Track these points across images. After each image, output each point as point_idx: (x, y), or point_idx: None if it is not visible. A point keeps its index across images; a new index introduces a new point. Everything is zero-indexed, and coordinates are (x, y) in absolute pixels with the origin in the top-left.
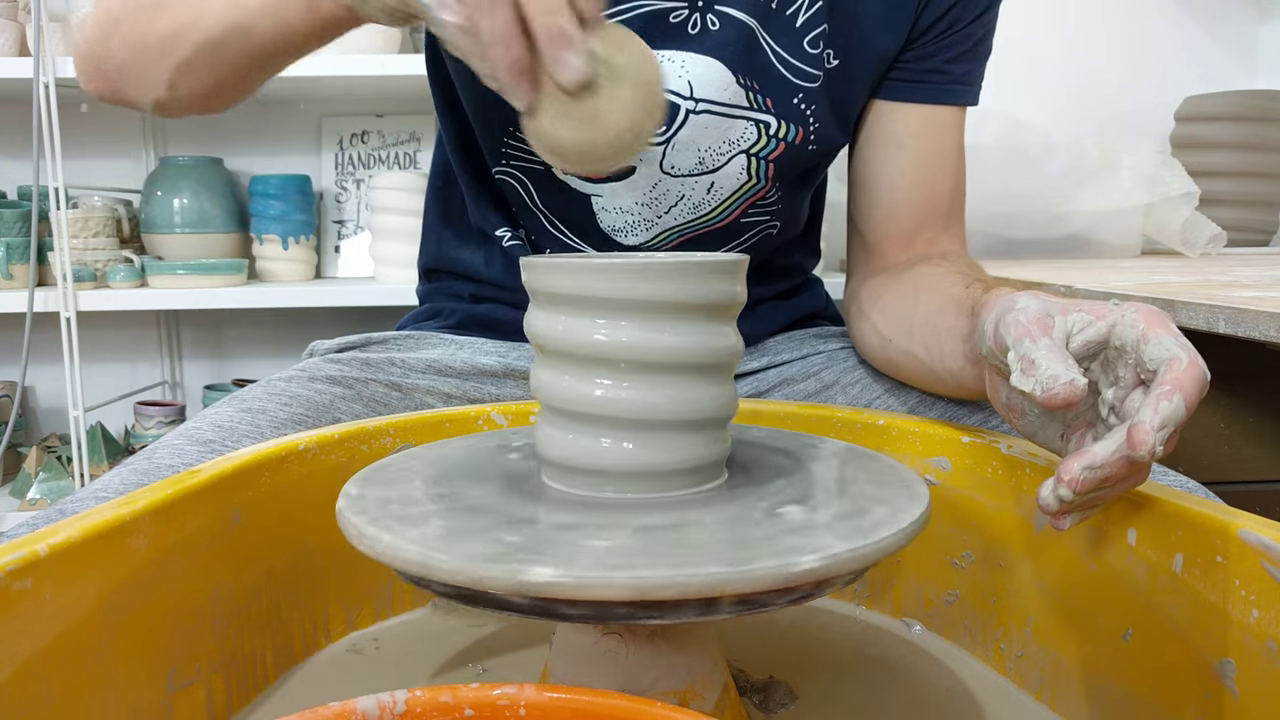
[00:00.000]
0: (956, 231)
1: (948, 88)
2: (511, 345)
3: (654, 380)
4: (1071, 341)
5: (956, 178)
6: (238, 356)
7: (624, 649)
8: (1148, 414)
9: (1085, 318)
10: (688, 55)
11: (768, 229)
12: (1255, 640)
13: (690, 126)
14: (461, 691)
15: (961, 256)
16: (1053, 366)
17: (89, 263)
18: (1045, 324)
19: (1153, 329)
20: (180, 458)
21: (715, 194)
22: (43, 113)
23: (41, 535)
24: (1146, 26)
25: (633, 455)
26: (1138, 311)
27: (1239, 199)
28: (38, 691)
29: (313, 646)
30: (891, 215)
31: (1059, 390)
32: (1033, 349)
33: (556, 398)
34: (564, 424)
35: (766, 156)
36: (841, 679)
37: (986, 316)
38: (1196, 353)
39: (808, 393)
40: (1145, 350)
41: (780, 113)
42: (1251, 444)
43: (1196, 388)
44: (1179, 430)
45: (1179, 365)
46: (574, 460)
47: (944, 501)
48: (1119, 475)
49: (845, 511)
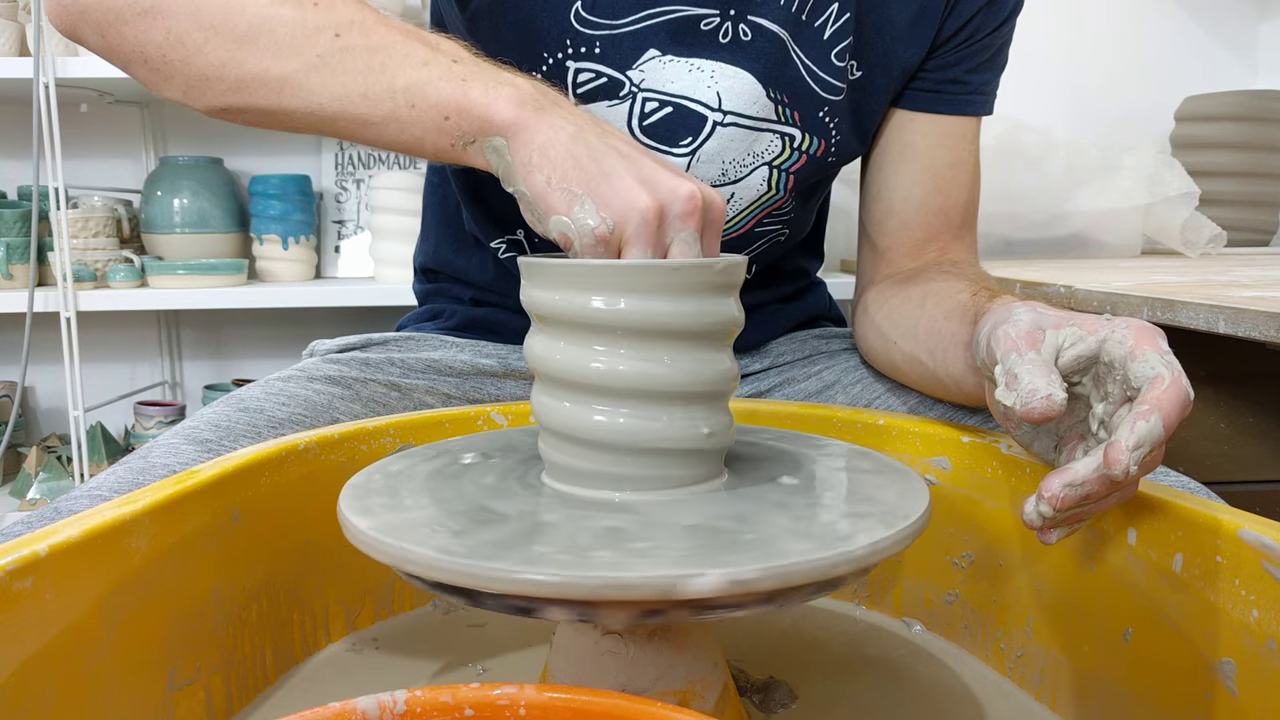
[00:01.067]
0: (968, 241)
1: (966, 98)
2: (512, 348)
3: (651, 348)
4: (1062, 356)
5: (972, 188)
6: (238, 356)
7: (624, 649)
8: (1124, 434)
9: (1077, 332)
10: (718, 65)
11: (777, 236)
12: (1255, 640)
13: (717, 138)
14: (461, 691)
15: (972, 265)
16: (1034, 381)
17: (89, 263)
18: (1034, 338)
19: (1140, 346)
20: (176, 457)
21: (734, 205)
22: (43, 113)
23: (41, 535)
24: (1146, 26)
25: (628, 427)
26: (1128, 328)
27: (1239, 199)
28: (38, 691)
29: (313, 646)
30: (905, 225)
31: (1036, 405)
32: (1017, 363)
33: (553, 368)
34: (561, 394)
35: (788, 169)
36: (841, 679)
37: (982, 327)
38: (1181, 372)
39: (808, 392)
40: (1132, 368)
41: (806, 126)
42: (1251, 444)
43: (1177, 408)
44: (1158, 448)
45: (1161, 385)
46: (573, 432)
47: (944, 501)
48: (1101, 492)
49: (845, 512)
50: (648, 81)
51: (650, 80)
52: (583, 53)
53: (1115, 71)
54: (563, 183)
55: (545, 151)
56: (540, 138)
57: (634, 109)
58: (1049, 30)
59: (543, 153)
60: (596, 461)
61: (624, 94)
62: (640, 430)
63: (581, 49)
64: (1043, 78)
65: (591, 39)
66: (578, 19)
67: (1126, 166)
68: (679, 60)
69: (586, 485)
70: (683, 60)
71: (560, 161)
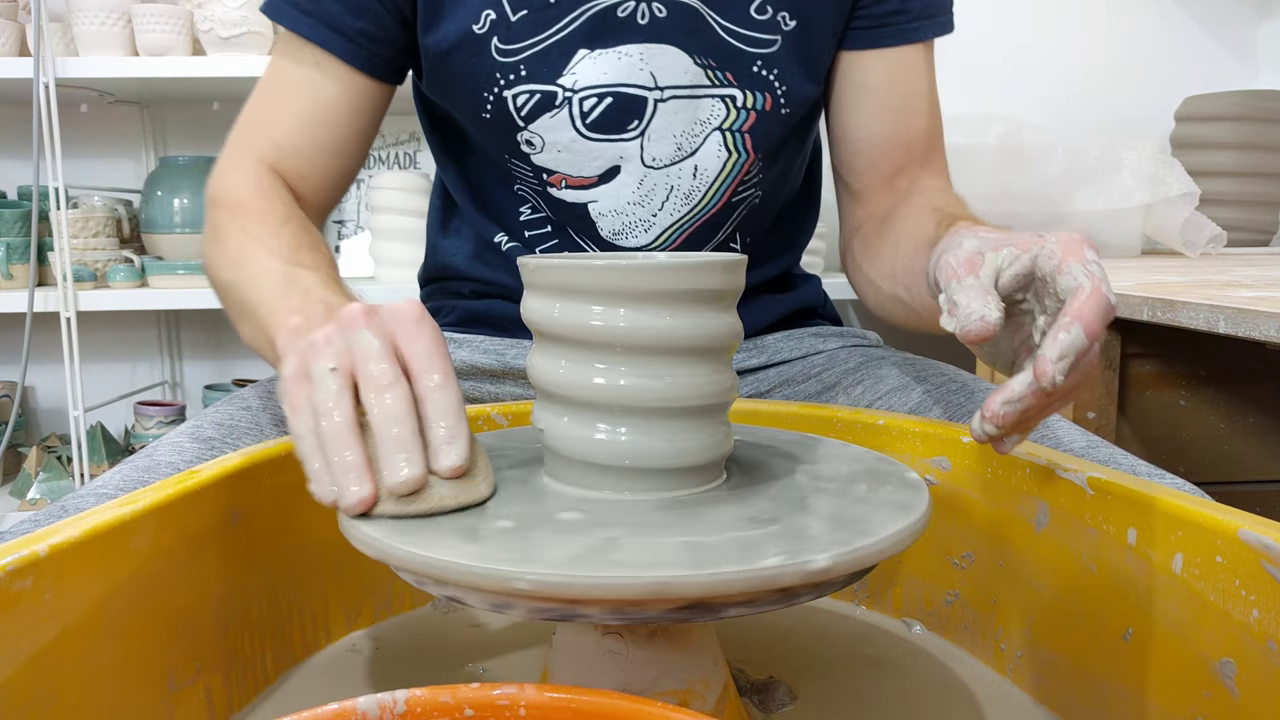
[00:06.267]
0: (937, 164)
1: (910, 26)
2: (510, 342)
3: (651, 365)
4: (1001, 277)
5: (931, 114)
6: (238, 356)
7: (624, 649)
8: (1048, 346)
9: (1013, 252)
10: (644, 46)
11: (752, 200)
12: (1255, 640)
13: (661, 115)
14: (461, 691)
15: (941, 190)
16: (970, 304)
17: (89, 263)
18: (973, 263)
19: (1066, 258)
20: (180, 454)
21: (701, 179)
22: (43, 113)
23: (41, 535)
24: (1146, 27)
25: (629, 445)
26: (1057, 242)
27: (1239, 199)
28: (38, 691)
29: (313, 646)
30: (873, 164)
31: (972, 327)
32: (956, 290)
33: (555, 384)
34: (560, 411)
35: (740, 129)
36: (841, 679)
37: (932, 259)
38: (1102, 279)
39: (809, 393)
40: (1059, 280)
41: (743, 84)
42: (1251, 444)
43: (1098, 316)
44: (1083, 355)
45: (1081, 295)
46: (573, 452)
47: (944, 501)
48: (1039, 404)
49: (845, 512)
50: (582, 80)
51: (585, 78)
52: (512, 79)
53: (1115, 71)
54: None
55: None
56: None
57: (573, 111)
58: (1050, 31)
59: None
60: (598, 473)
61: (559, 102)
62: (640, 446)
63: (511, 76)
64: (1043, 78)
65: (516, 65)
66: (498, 52)
67: (1126, 166)
68: (607, 51)
69: (588, 486)
70: (611, 50)
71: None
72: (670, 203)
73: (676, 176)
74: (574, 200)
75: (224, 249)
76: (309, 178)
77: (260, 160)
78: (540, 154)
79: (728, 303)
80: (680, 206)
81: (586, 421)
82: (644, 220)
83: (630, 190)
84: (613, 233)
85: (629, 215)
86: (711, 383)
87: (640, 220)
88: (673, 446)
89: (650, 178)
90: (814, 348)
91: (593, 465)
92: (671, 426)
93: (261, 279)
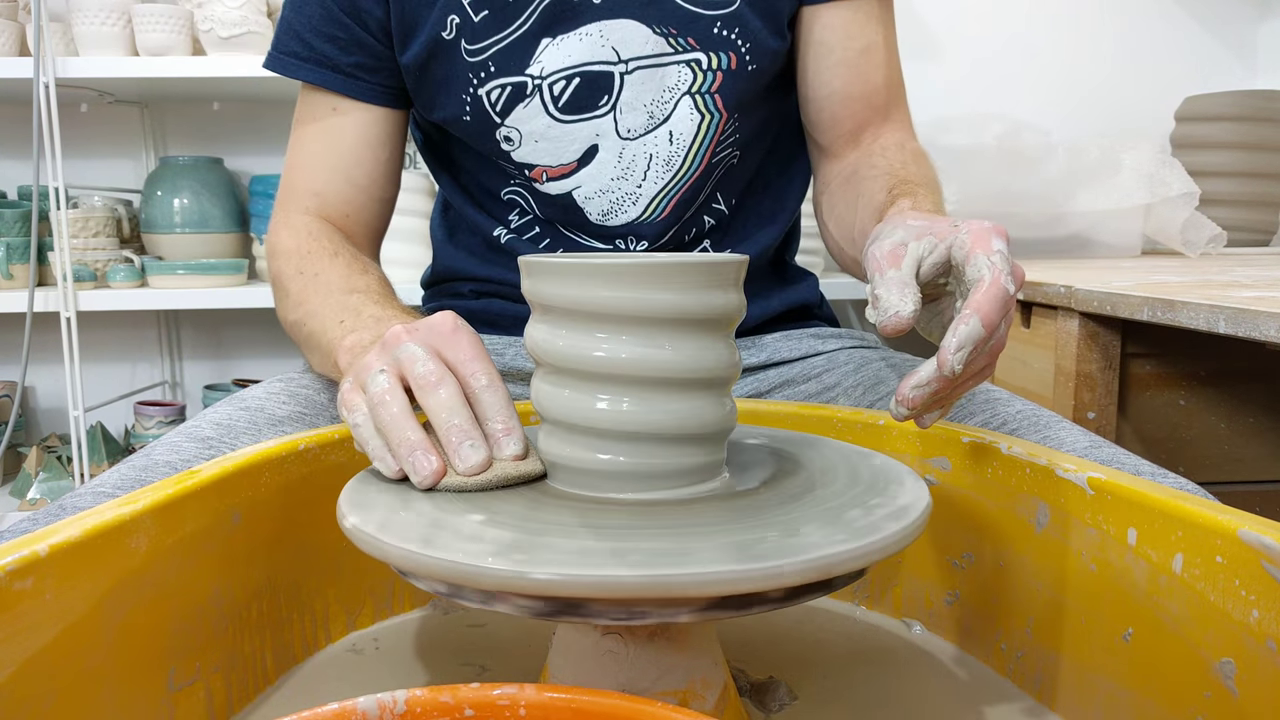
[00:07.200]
0: (899, 119)
1: None
2: (510, 341)
3: (652, 394)
4: (922, 265)
5: (889, 68)
6: (238, 356)
7: (624, 649)
8: (948, 338)
9: (932, 241)
10: (603, 24)
11: (730, 159)
12: (1255, 640)
13: (629, 87)
14: (461, 691)
15: (900, 147)
16: (888, 298)
17: (89, 263)
18: (896, 254)
19: (974, 250)
20: (178, 454)
21: (679, 144)
22: (43, 113)
23: (41, 535)
24: (1146, 26)
25: (631, 465)
26: (968, 233)
27: (1239, 199)
28: (38, 691)
29: (313, 646)
30: (835, 120)
31: (889, 322)
32: (879, 283)
33: (556, 410)
34: (563, 434)
35: (708, 90)
36: (841, 679)
37: (866, 248)
38: (1002, 270)
39: (809, 394)
40: (966, 271)
41: (705, 46)
42: (1252, 444)
43: (995, 307)
44: (983, 344)
45: (981, 287)
46: (571, 462)
47: (944, 501)
48: (947, 387)
49: (845, 512)
50: (549, 66)
51: (551, 64)
52: (484, 76)
53: (1115, 71)
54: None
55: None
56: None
57: (544, 98)
58: (1049, 31)
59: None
60: (598, 450)
61: (530, 91)
62: (642, 416)
63: (482, 74)
64: (1043, 78)
65: (485, 62)
66: (467, 53)
67: (1126, 166)
68: (569, 35)
69: (589, 487)
70: (572, 34)
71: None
72: (652, 171)
73: (654, 144)
74: (558, 192)
75: (286, 292)
76: (353, 214)
77: (305, 211)
78: (519, 149)
79: (729, 324)
80: (663, 174)
81: (588, 390)
82: (630, 194)
83: (611, 166)
84: (602, 214)
85: (615, 192)
86: (713, 356)
87: (626, 194)
88: (671, 417)
89: (629, 150)
90: (813, 349)
91: (593, 439)
92: (672, 396)
93: (320, 310)
